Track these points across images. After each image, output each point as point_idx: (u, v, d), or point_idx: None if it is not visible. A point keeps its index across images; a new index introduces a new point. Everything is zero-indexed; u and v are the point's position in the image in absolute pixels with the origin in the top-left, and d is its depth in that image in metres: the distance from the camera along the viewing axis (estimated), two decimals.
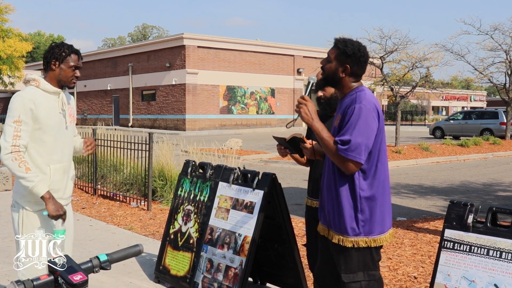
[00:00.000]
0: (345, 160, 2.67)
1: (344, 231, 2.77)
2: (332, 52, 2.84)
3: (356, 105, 2.68)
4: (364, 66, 2.86)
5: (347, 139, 2.65)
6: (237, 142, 18.54)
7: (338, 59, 2.81)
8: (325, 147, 2.75)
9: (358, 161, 2.66)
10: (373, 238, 2.79)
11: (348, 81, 2.83)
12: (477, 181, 12.20)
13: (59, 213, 2.91)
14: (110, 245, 5.86)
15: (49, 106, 3.02)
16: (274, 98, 35.22)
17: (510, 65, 23.16)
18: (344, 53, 2.79)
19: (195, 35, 31.86)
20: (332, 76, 2.84)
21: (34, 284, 1.57)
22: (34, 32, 70.72)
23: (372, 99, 2.75)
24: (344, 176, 2.76)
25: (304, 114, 2.77)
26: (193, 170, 4.70)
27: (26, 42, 23.79)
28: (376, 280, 2.87)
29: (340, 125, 2.75)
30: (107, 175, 9.52)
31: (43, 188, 2.89)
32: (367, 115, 2.67)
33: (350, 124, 2.66)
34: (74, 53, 3.07)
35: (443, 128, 27.52)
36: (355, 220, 2.75)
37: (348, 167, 2.69)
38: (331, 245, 2.88)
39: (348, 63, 2.79)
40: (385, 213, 2.83)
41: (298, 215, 7.30)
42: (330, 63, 2.83)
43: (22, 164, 2.87)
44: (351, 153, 2.64)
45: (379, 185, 2.77)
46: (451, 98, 62.72)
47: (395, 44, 18.95)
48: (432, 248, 5.74)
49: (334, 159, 2.73)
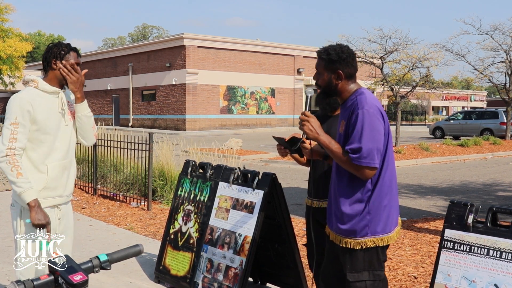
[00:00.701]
0: (359, 168, 2.68)
1: (352, 233, 2.79)
2: (319, 65, 2.87)
3: (359, 111, 2.68)
4: (354, 64, 2.86)
5: (357, 147, 2.66)
6: (237, 142, 18.54)
7: (327, 68, 2.83)
8: (337, 158, 2.76)
9: (373, 166, 2.67)
10: (380, 238, 2.80)
11: (345, 84, 2.83)
12: (477, 181, 12.20)
13: (41, 223, 2.85)
14: (110, 245, 5.86)
15: (48, 107, 3.01)
16: (274, 98, 35.22)
17: (510, 65, 23.15)
18: (330, 61, 2.81)
19: (195, 35, 31.86)
20: (328, 87, 2.86)
21: (34, 284, 1.57)
22: (34, 32, 70.77)
23: (374, 102, 2.75)
24: (351, 180, 2.77)
25: (309, 130, 2.78)
26: (193, 170, 4.70)
27: (26, 42, 23.81)
28: (381, 280, 2.87)
29: (346, 131, 2.75)
30: (107, 175, 9.52)
31: (30, 195, 2.87)
32: (372, 119, 2.68)
33: (357, 131, 2.67)
34: (73, 50, 3.08)
35: (443, 128, 27.52)
36: (362, 221, 2.76)
37: (364, 173, 2.70)
38: (339, 249, 2.89)
39: (338, 68, 2.81)
40: (392, 212, 2.84)
41: (298, 215, 7.30)
42: (322, 76, 2.86)
43: (14, 168, 2.87)
44: (365, 160, 2.65)
45: (386, 185, 2.78)
46: (451, 98, 62.69)
47: (395, 44, 18.96)
48: (432, 248, 5.74)
49: (348, 168, 2.73)
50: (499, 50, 22.96)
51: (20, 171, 2.88)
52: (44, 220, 2.86)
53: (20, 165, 2.90)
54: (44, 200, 3.02)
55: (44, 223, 2.86)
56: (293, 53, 35.64)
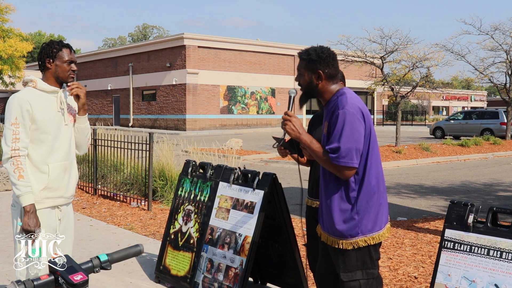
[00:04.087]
0: (338, 167, 2.70)
1: (342, 235, 2.80)
2: (300, 65, 2.89)
3: (340, 111, 2.69)
4: (335, 65, 2.87)
5: (336, 146, 2.67)
6: (238, 142, 18.54)
7: (308, 68, 2.84)
8: (317, 158, 2.78)
9: (351, 165, 2.69)
10: (371, 236, 2.81)
11: (326, 85, 2.84)
12: (477, 181, 12.20)
13: (30, 229, 2.84)
14: (111, 245, 5.86)
15: (47, 106, 3.02)
16: (274, 98, 35.23)
17: (510, 65, 23.13)
18: (310, 61, 2.82)
19: (195, 35, 31.86)
20: (309, 87, 2.87)
21: (34, 284, 1.57)
22: (35, 32, 70.81)
23: (355, 101, 2.75)
24: (337, 180, 2.78)
25: (290, 130, 2.79)
26: (193, 170, 4.70)
27: (27, 42, 23.80)
28: (374, 278, 2.88)
29: (328, 132, 2.77)
30: (107, 175, 9.52)
31: (27, 200, 2.89)
32: (352, 119, 2.68)
33: (337, 131, 2.68)
34: (65, 47, 3.08)
35: (443, 128, 27.50)
36: (351, 222, 2.77)
37: (343, 173, 2.71)
38: (330, 249, 2.90)
39: (318, 68, 2.82)
40: (381, 210, 2.85)
41: (298, 215, 7.30)
42: (303, 76, 2.87)
43: (17, 170, 2.89)
44: (343, 160, 2.66)
45: (372, 184, 2.78)
46: (452, 98, 62.66)
47: (396, 44, 18.94)
48: (432, 248, 5.74)
49: (328, 168, 2.76)
50: (499, 50, 22.94)
51: (22, 173, 2.89)
52: (34, 227, 2.86)
53: (23, 167, 2.91)
54: (44, 200, 3.03)
55: (33, 230, 2.85)
56: (293, 53, 35.61)
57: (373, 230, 2.81)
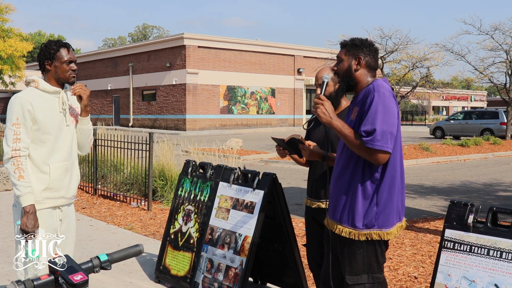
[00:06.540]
0: (372, 151, 2.60)
1: (358, 226, 2.72)
2: (341, 52, 2.85)
3: (375, 93, 2.63)
4: (376, 57, 2.84)
5: (371, 129, 2.58)
6: (238, 142, 18.53)
7: (349, 53, 2.81)
8: (349, 143, 2.68)
9: (386, 150, 2.59)
10: (386, 232, 2.74)
11: (364, 74, 2.80)
12: (477, 181, 12.20)
13: (28, 230, 2.84)
14: (111, 245, 5.86)
15: (49, 106, 3.02)
16: (274, 98, 35.22)
17: (510, 65, 23.15)
18: (353, 45, 2.80)
19: (195, 35, 31.86)
20: (347, 73, 2.82)
21: (34, 284, 1.57)
22: (35, 32, 70.80)
23: (388, 87, 2.72)
24: (360, 168, 2.70)
25: (322, 113, 2.71)
26: (193, 170, 4.70)
27: (27, 42, 23.79)
28: (380, 283, 2.84)
29: (359, 117, 2.69)
30: (107, 175, 9.52)
31: (27, 200, 2.89)
32: (388, 101, 2.62)
33: (371, 113, 2.60)
34: (63, 47, 3.05)
35: (443, 128, 27.49)
36: (370, 213, 2.70)
37: (377, 157, 2.61)
38: (339, 244, 2.82)
39: (359, 53, 2.79)
40: (400, 206, 2.78)
41: (298, 215, 7.30)
42: (342, 62, 2.83)
43: (17, 170, 2.89)
44: (378, 143, 2.57)
45: (395, 177, 2.72)
46: (452, 98, 62.65)
47: (396, 44, 18.98)
48: (432, 248, 5.74)
49: (361, 153, 2.65)
50: (499, 50, 22.97)
51: (23, 174, 2.89)
52: (32, 229, 2.85)
53: (23, 168, 2.91)
54: (45, 200, 3.02)
55: (31, 231, 2.84)
56: (293, 53, 35.64)
57: (390, 225, 2.74)
